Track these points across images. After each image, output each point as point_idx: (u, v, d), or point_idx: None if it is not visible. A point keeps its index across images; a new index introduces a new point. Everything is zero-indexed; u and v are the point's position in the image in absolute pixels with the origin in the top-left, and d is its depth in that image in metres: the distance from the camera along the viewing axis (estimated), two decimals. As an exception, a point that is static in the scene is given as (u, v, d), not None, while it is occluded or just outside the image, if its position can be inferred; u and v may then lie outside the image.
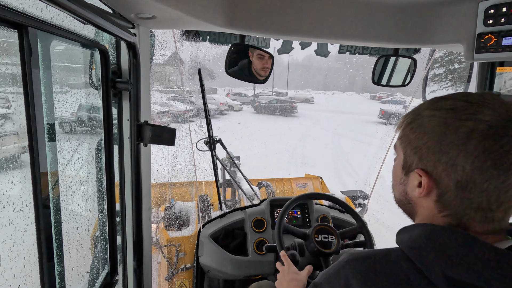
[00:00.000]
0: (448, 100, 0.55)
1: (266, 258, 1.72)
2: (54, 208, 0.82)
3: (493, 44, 1.06)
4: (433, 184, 0.55)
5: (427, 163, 0.55)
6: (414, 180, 0.59)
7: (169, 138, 1.20)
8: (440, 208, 0.56)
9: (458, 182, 0.52)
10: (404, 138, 0.60)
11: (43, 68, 0.70)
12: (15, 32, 0.58)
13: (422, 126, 0.56)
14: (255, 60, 1.51)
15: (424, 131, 0.56)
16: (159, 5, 0.88)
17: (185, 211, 2.68)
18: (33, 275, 0.74)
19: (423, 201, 0.59)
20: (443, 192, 0.55)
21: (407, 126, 0.60)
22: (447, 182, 0.53)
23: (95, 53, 1.02)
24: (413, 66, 1.60)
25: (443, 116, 0.54)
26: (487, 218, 0.53)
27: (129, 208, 1.24)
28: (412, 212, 0.64)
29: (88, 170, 1.17)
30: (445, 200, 0.55)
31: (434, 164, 0.54)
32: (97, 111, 1.07)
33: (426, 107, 0.58)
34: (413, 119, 0.59)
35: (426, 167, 0.56)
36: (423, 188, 0.56)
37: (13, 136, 0.98)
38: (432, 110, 0.56)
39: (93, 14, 0.70)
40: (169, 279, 2.12)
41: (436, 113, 0.55)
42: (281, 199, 1.91)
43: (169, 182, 3.73)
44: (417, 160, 0.57)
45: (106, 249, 1.17)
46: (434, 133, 0.54)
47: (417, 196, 0.58)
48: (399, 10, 1.24)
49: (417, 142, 0.57)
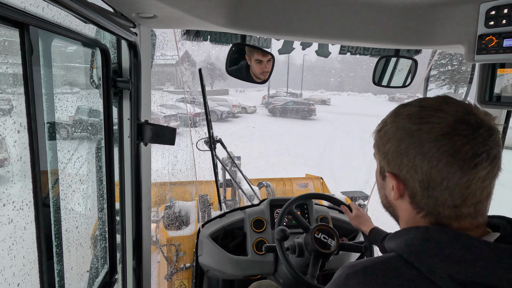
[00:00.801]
0: (406, 107, 0.60)
1: (266, 258, 1.72)
2: (54, 207, 0.82)
3: (494, 46, 1.06)
4: (403, 186, 0.59)
5: (393, 167, 0.60)
6: (389, 183, 0.62)
7: (169, 138, 1.20)
8: (416, 209, 0.59)
9: (421, 182, 0.56)
10: (376, 145, 0.65)
11: (44, 67, 0.70)
12: (16, 30, 0.58)
13: (387, 133, 0.61)
14: (253, 65, 1.50)
15: (388, 137, 0.61)
16: (160, 4, 0.88)
17: (185, 210, 2.68)
18: (32, 273, 0.74)
19: (400, 204, 0.62)
20: (413, 193, 0.58)
21: (377, 134, 0.65)
22: (412, 183, 0.57)
23: (96, 52, 1.02)
24: (414, 67, 1.60)
25: (401, 122, 0.59)
26: (457, 215, 0.55)
27: (129, 207, 1.24)
28: (395, 215, 0.67)
29: (88, 169, 1.17)
30: (417, 201, 0.58)
31: (398, 167, 0.59)
32: (96, 110, 1.07)
33: (390, 115, 0.63)
34: (381, 127, 0.64)
35: (393, 171, 0.60)
36: (395, 191, 0.60)
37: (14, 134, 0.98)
38: (394, 117, 0.61)
39: (94, 13, 0.70)
40: (168, 278, 2.12)
41: (396, 119, 0.60)
42: (280, 199, 1.91)
43: (169, 182, 3.73)
44: (386, 164, 0.62)
45: (105, 248, 1.17)
46: (395, 138, 0.59)
47: (394, 199, 0.62)
48: (400, 11, 1.24)
49: (384, 148, 0.61)
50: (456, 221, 0.56)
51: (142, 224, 1.29)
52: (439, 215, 0.56)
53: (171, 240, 2.17)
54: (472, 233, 0.54)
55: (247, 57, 1.49)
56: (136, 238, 1.27)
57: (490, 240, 0.54)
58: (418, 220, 0.59)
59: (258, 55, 1.48)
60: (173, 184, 3.73)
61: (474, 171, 0.52)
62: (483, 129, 0.53)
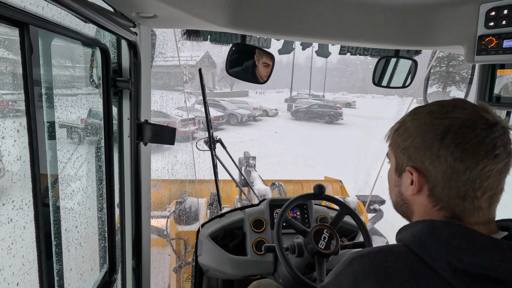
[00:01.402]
0: (425, 106, 0.64)
1: (265, 258, 1.72)
2: (53, 206, 0.82)
3: (494, 46, 1.06)
4: (423, 179, 0.61)
5: (415, 160, 0.62)
6: (407, 179, 0.65)
7: (169, 138, 1.20)
8: (434, 202, 0.61)
9: (444, 173, 0.58)
10: (394, 143, 0.68)
11: (44, 66, 0.70)
12: (16, 29, 0.58)
13: (407, 129, 0.64)
14: (260, 67, 1.53)
15: (409, 133, 0.63)
16: (161, 4, 0.88)
17: (195, 207, 2.77)
18: (32, 273, 0.74)
19: (417, 199, 0.64)
20: (433, 186, 0.60)
21: (395, 133, 0.68)
22: (435, 174, 0.59)
23: (96, 52, 1.02)
24: (414, 67, 1.60)
25: (423, 118, 0.62)
26: (474, 207, 0.58)
27: (129, 207, 1.24)
28: (409, 212, 0.68)
29: (88, 169, 1.17)
30: (436, 193, 0.60)
31: (421, 159, 0.61)
32: (96, 110, 1.07)
33: (409, 115, 0.66)
34: (399, 126, 0.67)
35: (415, 164, 0.62)
36: (415, 184, 0.62)
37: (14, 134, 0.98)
38: (413, 116, 0.65)
39: (94, 13, 0.70)
40: (176, 271, 2.14)
41: (416, 117, 0.64)
42: (280, 199, 1.91)
43: (187, 180, 3.91)
44: (407, 159, 0.64)
45: (105, 248, 1.17)
46: (417, 133, 0.62)
47: (411, 194, 0.64)
48: (400, 11, 1.24)
49: (405, 143, 0.64)
50: (471, 215, 0.58)
51: (141, 223, 1.29)
52: (457, 207, 0.59)
53: (180, 234, 2.21)
54: (482, 229, 0.56)
55: (256, 57, 1.50)
56: (136, 238, 1.27)
57: (498, 237, 0.56)
58: (433, 213, 0.62)
59: (266, 58, 1.51)
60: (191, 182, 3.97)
61: (495, 162, 0.55)
62: (497, 127, 0.56)
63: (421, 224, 0.60)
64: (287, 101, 30.11)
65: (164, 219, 2.65)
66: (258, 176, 3.79)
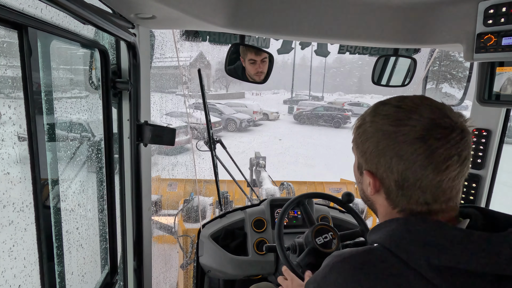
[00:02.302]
0: (385, 105, 0.62)
1: (266, 258, 1.72)
2: (54, 208, 0.82)
3: (493, 44, 1.06)
4: (379, 183, 0.62)
5: (371, 165, 0.63)
6: (366, 179, 0.65)
7: (169, 138, 1.20)
8: (392, 205, 0.63)
9: (396, 182, 0.59)
10: (354, 141, 0.67)
11: (43, 68, 0.70)
12: (15, 32, 0.58)
13: (365, 132, 0.63)
14: (247, 66, 1.49)
15: (366, 137, 0.63)
16: (159, 5, 0.88)
17: (203, 205, 2.85)
18: (33, 275, 0.74)
19: (377, 198, 0.65)
20: (388, 191, 0.62)
21: (356, 131, 0.67)
22: (388, 182, 0.60)
23: (95, 53, 1.02)
24: (413, 66, 1.60)
25: (380, 123, 0.60)
26: (429, 211, 0.59)
27: (129, 208, 1.24)
28: (373, 208, 0.70)
29: (88, 170, 1.17)
30: (392, 198, 0.62)
31: (376, 166, 0.62)
32: (95, 111, 1.07)
33: (369, 113, 0.64)
34: (360, 124, 0.66)
35: (371, 169, 0.63)
36: (372, 187, 0.64)
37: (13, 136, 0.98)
38: (372, 116, 0.63)
39: (93, 14, 0.70)
40: (184, 267, 2.16)
41: (374, 119, 0.62)
42: (281, 199, 1.91)
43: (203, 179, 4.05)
44: (364, 162, 0.65)
45: (106, 249, 1.17)
46: (373, 138, 0.61)
47: (370, 194, 0.65)
48: (399, 10, 1.24)
49: (363, 146, 0.64)
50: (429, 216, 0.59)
51: (142, 224, 1.29)
52: (413, 211, 0.60)
53: (187, 231, 2.24)
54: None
55: (241, 58, 1.48)
56: (137, 239, 1.27)
57: (462, 227, 0.57)
58: (394, 214, 0.63)
59: (251, 54, 1.45)
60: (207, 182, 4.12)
61: (446, 173, 0.55)
62: (455, 132, 0.55)
63: (395, 223, 0.60)
64: (286, 103, 29.12)
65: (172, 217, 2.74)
66: (268, 176, 3.89)
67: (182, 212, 2.85)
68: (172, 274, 3.04)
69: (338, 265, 0.60)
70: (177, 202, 3.95)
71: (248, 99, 26.63)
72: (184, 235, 2.28)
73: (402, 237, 0.57)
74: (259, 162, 4.24)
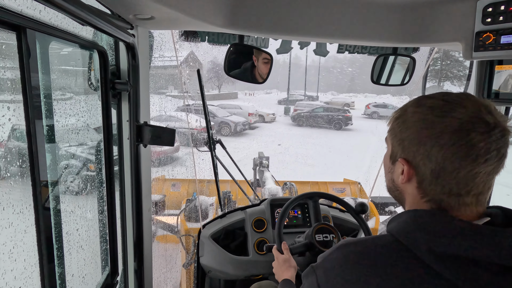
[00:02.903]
0: (430, 99, 0.64)
1: (267, 258, 1.72)
2: (54, 210, 0.82)
3: (492, 42, 1.06)
4: (413, 171, 0.63)
5: (408, 153, 0.64)
6: (398, 168, 0.67)
7: (168, 139, 1.20)
8: (422, 194, 0.64)
9: (432, 171, 0.60)
10: (392, 131, 0.69)
11: (42, 69, 0.70)
12: (13, 33, 0.58)
13: (406, 121, 0.65)
14: (260, 65, 1.51)
15: (407, 125, 0.64)
16: (158, 5, 0.88)
17: (205, 205, 2.87)
18: (33, 277, 0.74)
19: (407, 187, 0.67)
20: (422, 179, 0.62)
21: (395, 121, 0.68)
22: (424, 170, 0.61)
23: (93, 55, 1.02)
24: (412, 65, 1.60)
25: (423, 113, 0.62)
26: (460, 203, 0.60)
27: (129, 209, 1.24)
28: (401, 199, 0.71)
29: (88, 171, 1.17)
30: (424, 187, 0.63)
31: (413, 154, 0.63)
32: (95, 113, 1.07)
33: (411, 104, 0.66)
34: (400, 114, 0.67)
35: (407, 157, 0.64)
36: (405, 175, 0.65)
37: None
38: (415, 107, 0.64)
39: (91, 15, 0.70)
40: (186, 266, 2.18)
41: (418, 110, 0.63)
42: (281, 198, 1.91)
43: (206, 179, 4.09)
44: (401, 150, 0.66)
45: (106, 250, 1.17)
46: (415, 127, 0.63)
47: (401, 182, 0.67)
48: (398, 9, 1.24)
49: (402, 135, 0.65)
50: (457, 209, 0.60)
51: (142, 225, 1.29)
52: (442, 202, 0.61)
53: (189, 231, 2.25)
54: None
55: (254, 57, 1.49)
56: (137, 240, 1.27)
57: (480, 223, 0.58)
58: (421, 204, 0.64)
59: (265, 54, 1.50)
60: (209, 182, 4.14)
61: (483, 166, 0.57)
62: (497, 129, 0.57)
63: (406, 214, 0.63)
64: (281, 103, 28.22)
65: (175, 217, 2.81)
66: (271, 176, 3.91)
67: (185, 211, 2.90)
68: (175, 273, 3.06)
69: (343, 247, 0.65)
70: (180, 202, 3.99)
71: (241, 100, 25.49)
72: (186, 235, 2.30)
73: (409, 226, 0.60)
74: (262, 162, 4.26)
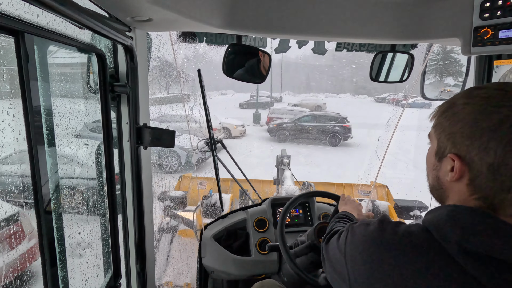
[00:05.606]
0: (483, 89, 0.59)
1: (269, 257, 1.72)
2: (55, 213, 0.82)
3: (490, 38, 1.06)
4: (466, 168, 0.59)
5: (460, 148, 0.59)
6: (447, 165, 0.62)
7: (168, 141, 1.20)
8: (472, 191, 0.59)
9: (490, 165, 0.55)
10: (438, 126, 0.64)
11: (41, 73, 0.70)
12: (11, 38, 0.58)
13: (456, 113, 0.60)
14: (265, 60, 1.50)
15: (458, 118, 0.59)
16: (155, 7, 0.88)
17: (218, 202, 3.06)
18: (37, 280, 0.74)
19: (454, 186, 0.62)
20: (475, 176, 0.58)
21: (441, 115, 0.64)
22: (480, 165, 0.56)
23: (92, 58, 1.02)
24: (411, 61, 1.60)
25: (478, 104, 0.57)
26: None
27: (131, 212, 1.24)
28: (443, 197, 0.67)
29: (89, 175, 1.17)
30: (477, 184, 0.58)
31: (467, 148, 0.58)
32: (94, 116, 1.07)
33: (461, 96, 0.61)
34: (447, 107, 0.63)
35: (459, 152, 0.59)
36: (456, 172, 0.60)
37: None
38: (466, 98, 0.60)
39: (89, 19, 0.70)
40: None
41: (470, 101, 0.59)
42: (282, 198, 1.91)
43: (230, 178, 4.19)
44: (451, 145, 0.61)
45: (109, 253, 1.17)
46: (467, 119, 0.58)
47: (449, 180, 0.62)
48: (395, 5, 1.24)
49: (451, 129, 0.60)
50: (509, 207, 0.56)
51: (144, 227, 1.29)
52: (496, 198, 0.56)
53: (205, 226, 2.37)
54: None
55: (260, 52, 1.48)
56: (139, 242, 1.27)
57: None
58: (468, 201, 0.60)
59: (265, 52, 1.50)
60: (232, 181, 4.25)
61: None
62: None
63: (444, 208, 0.61)
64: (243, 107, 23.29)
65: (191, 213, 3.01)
66: (291, 175, 3.83)
67: (201, 207, 3.07)
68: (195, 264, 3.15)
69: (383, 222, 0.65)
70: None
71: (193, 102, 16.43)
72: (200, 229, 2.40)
73: (443, 219, 0.58)
74: (283, 160, 4.12)
